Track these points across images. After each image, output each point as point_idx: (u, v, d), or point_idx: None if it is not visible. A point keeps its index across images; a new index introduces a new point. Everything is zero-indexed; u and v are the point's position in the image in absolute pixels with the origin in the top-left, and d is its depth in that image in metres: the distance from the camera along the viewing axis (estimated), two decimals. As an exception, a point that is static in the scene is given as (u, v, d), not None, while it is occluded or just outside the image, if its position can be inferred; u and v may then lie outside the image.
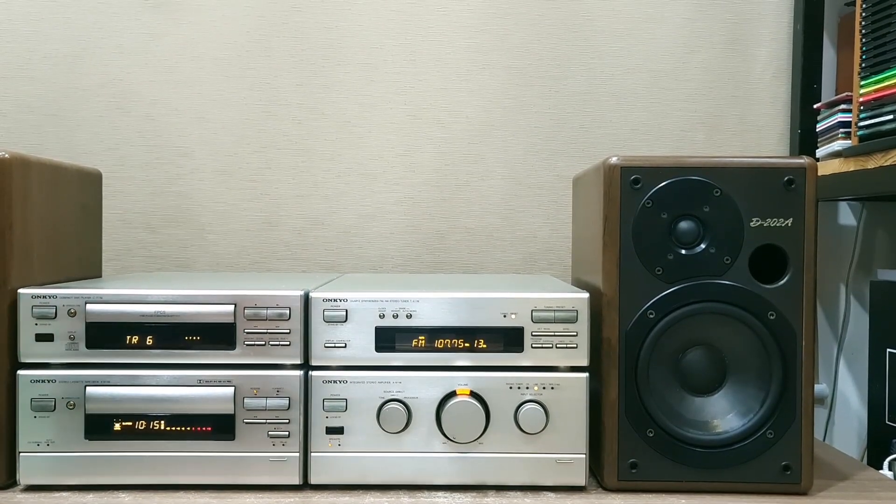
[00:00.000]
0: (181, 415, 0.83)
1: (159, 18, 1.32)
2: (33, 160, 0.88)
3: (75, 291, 0.84)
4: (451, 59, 1.33)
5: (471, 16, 1.33)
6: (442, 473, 0.85)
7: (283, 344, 0.84)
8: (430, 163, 1.33)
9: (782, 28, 1.35)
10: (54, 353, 0.83)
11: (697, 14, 1.34)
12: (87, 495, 0.82)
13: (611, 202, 0.85)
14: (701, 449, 0.84)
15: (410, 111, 1.33)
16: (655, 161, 0.85)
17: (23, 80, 1.32)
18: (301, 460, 0.84)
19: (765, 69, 1.35)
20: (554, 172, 1.34)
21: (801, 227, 0.84)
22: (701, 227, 0.85)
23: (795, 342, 0.84)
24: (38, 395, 0.83)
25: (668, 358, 0.86)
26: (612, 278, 0.85)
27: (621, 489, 0.85)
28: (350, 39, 1.33)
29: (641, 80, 1.34)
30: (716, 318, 0.85)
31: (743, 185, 0.84)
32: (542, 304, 0.85)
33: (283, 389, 0.84)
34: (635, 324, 0.84)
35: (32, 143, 1.31)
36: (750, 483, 0.84)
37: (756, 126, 1.35)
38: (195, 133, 1.32)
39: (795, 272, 0.84)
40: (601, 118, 1.34)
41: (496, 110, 1.34)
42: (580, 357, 0.85)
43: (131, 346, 0.84)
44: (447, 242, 1.33)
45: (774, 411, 0.84)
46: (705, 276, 0.84)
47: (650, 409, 0.84)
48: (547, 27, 1.33)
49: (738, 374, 0.86)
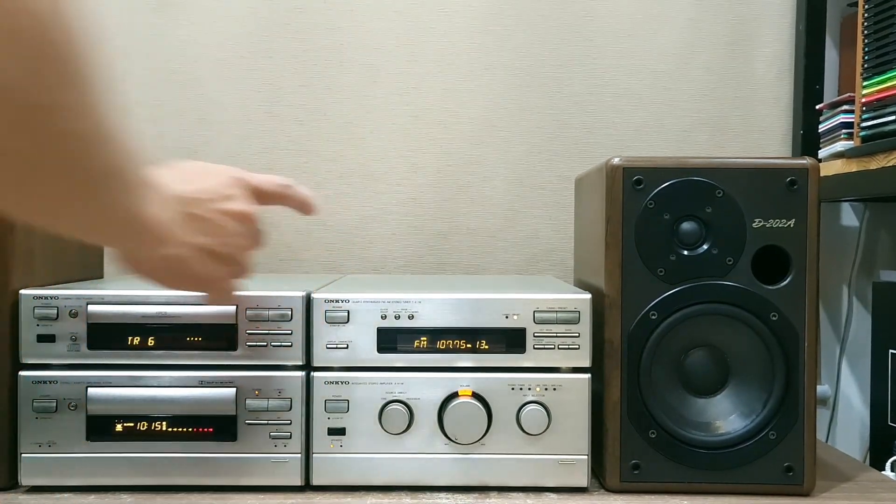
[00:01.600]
0: (183, 416, 0.83)
1: (162, 19, 1.32)
2: (35, 161, 0.88)
3: (77, 292, 0.84)
4: (453, 60, 1.33)
5: (473, 17, 1.33)
6: (444, 474, 0.85)
7: (285, 345, 0.84)
8: (432, 164, 1.33)
9: (785, 29, 1.35)
10: (56, 354, 0.84)
11: (700, 15, 1.34)
12: (88, 496, 0.82)
13: (613, 203, 0.85)
14: (703, 450, 0.84)
15: (412, 112, 1.33)
16: (658, 162, 0.85)
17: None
18: (303, 461, 0.84)
19: (767, 70, 1.35)
20: (556, 173, 1.33)
21: (803, 227, 0.84)
22: (703, 227, 0.85)
23: (798, 343, 0.84)
24: (39, 396, 0.83)
25: (671, 359, 0.85)
26: (614, 279, 0.85)
27: (623, 490, 0.85)
28: (352, 40, 1.33)
29: (643, 81, 1.34)
30: (718, 319, 0.85)
31: (745, 185, 0.84)
32: (544, 305, 0.85)
33: (285, 390, 0.84)
34: (637, 325, 0.84)
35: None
36: (752, 484, 0.84)
37: (758, 127, 1.35)
38: (198, 134, 1.32)
39: (798, 273, 0.84)
40: (603, 119, 1.34)
41: (498, 111, 1.34)
42: (582, 358, 0.85)
43: (133, 347, 0.84)
44: (449, 243, 1.33)
45: (777, 412, 0.84)
46: (708, 277, 0.84)
47: (652, 411, 0.84)
48: (549, 28, 1.33)
49: (740, 375, 0.86)
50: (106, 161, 0.49)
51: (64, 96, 0.43)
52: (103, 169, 0.49)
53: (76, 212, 0.52)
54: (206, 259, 0.66)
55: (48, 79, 0.42)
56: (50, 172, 0.46)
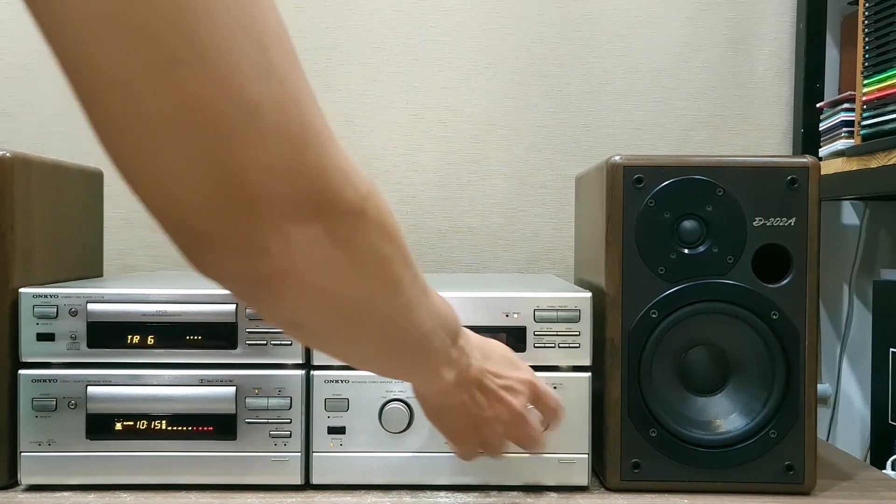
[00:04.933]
0: (183, 414, 0.83)
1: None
2: (35, 159, 0.88)
3: (77, 291, 0.84)
4: (453, 58, 1.33)
5: (473, 15, 1.33)
6: (444, 473, 0.85)
7: (285, 343, 0.84)
8: (433, 162, 1.33)
9: (785, 27, 1.35)
10: (56, 352, 0.83)
11: (700, 13, 1.34)
12: (88, 495, 0.82)
13: (613, 201, 0.85)
14: (704, 449, 0.84)
15: (413, 110, 1.33)
16: (658, 160, 0.85)
17: (26, 79, 1.32)
18: (303, 460, 0.84)
19: (767, 68, 1.35)
20: (556, 172, 1.33)
21: (804, 226, 0.84)
22: (704, 226, 0.85)
23: (798, 342, 0.84)
24: (39, 394, 0.83)
25: (671, 357, 0.85)
26: (614, 278, 0.85)
27: (624, 489, 0.85)
28: (352, 39, 1.33)
29: (644, 80, 1.34)
30: (719, 317, 0.84)
31: (746, 184, 0.84)
32: (544, 304, 0.85)
33: (285, 389, 0.84)
34: (638, 323, 0.84)
35: (36, 142, 1.30)
36: (753, 483, 0.84)
37: (759, 125, 1.35)
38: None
39: (798, 272, 0.84)
40: (603, 117, 1.34)
41: (498, 109, 1.33)
42: (583, 357, 0.85)
43: (133, 346, 0.84)
44: (449, 242, 1.33)
45: (777, 411, 0.84)
46: (708, 276, 0.84)
47: (653, 409, 0.84)
48: (549, 26, 1.33)
49: (740, 373, 0.86)
50: (424, 332, 0.59)
51: (398, 298, 0.55)
52: (422, 339, 0.60)
53: (391, 368, 0.65)
54: (470, 424, 0.73)
55: (389, 288, 0.54)
56: (384, 350, 0.59)
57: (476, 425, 0.73)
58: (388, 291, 0.53)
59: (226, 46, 0.39)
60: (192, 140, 0.40)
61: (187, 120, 0.39)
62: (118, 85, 0.39)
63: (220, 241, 0.43)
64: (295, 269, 0.46)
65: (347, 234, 0.47)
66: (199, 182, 0.41)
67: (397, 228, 0.53)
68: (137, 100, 0.39)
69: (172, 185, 0.41)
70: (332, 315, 0.51)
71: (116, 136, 0.41)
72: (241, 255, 0.44)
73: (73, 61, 0.40)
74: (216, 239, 0.43)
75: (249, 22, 0.40)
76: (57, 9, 0.38)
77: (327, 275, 0.47)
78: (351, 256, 0.48)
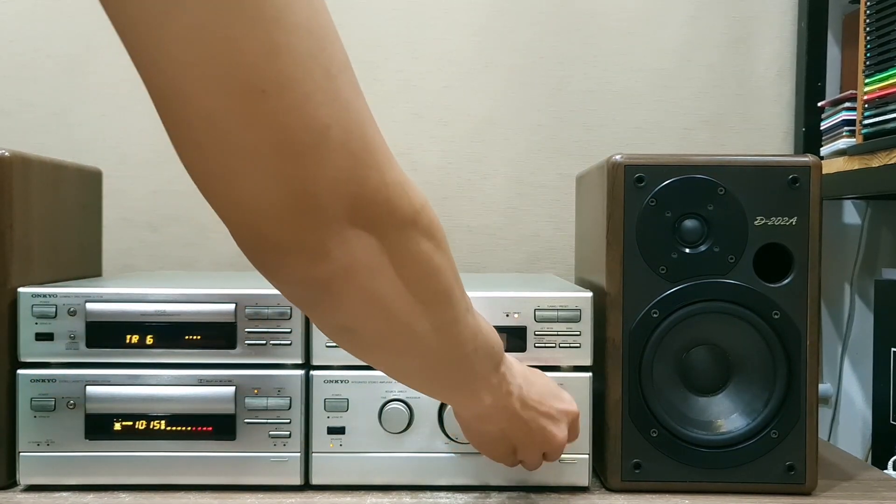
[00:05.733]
0: (182, 415, 0.83)
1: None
2: (33, 158, 0.88)
3: (75, 290, 0.84)
4: (453, 57, 1.33)
5: (473, 14, 1.33)
6: (444, 474, 0.84)
7: (284, 343, 0.84)
8: (433, 161, 1.33)
9: (786, 26, 1.34)
10: (54, 352, 0.83)
11: (701, 12, 1.34)
12: (87, 495, 0.82)
13: (614, 201, 0.85)
14: (705, 449, 0.84)
15: (412, 109, 1.33)
16: (659, 159, 0.85)
17: (26, 79, 1.32)
18: (302, 460, 0.84)
19: (769, 67, 1.34)
20: (557, 171, 1.33)
21: (805, 225, 0.84)
22: (705, 225, 0.84)
23: (800, 341, 0.84)
24: (37, 394, 0.83)
25: (672, 357, 0.85)
26: (615, 277, 0.84)
27: (625, 490, 0.85)
28: (352, 37, 1.32)
29: (645, 79, 1.34)
30: (720, 317, 0.84)
31: (747, 183, 0.84)
32: (545, 304, 0.84)
33: (285, 389, 0.83)
34: (639, 323, 0.84)
35: (35, 141, 1.30)
36: (754, 483, 0.84)
37: (760, 124, 1.35)
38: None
39: (800, 271, 0.84)
40: (604, 116, 1.34)
41: (499, 108, 1.33)
42: (583, 356, 0.85)
43: (132, 346, 0.83)
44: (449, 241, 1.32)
45: (778, 411, 0.84)
46: (709, 276, 0.84)
47: (654, 409, 0.84)
48: (550, 25, 1.33)
49: (742, 373, 0.85)
50: (467, 351, 0.62)
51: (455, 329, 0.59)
52: (463, 358, 0.62)
53: (432, 385, 0.67)
54: (508, 447, 0.76)
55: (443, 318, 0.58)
56: (428, 364, 0.61)
57: (513, 447, 0.76)
58: (438, 302, 0.56)
59: (301, 76, 0.43)
60: (271, 161, 0.44)
61: (268, 144, 0.43)
62: (208, 116, 0.42)
63: (287, 247, 0.47)
64: (354, 273, 0.49)
65: (400, 242, 0.51)
66: (275, 197, 0.45)
67: (447, 243, 0.57)
68: (225, 129, 0.43)
69: (251, 201, 0.45)
70: (384, 323, 0.54)
71: (202, 161, 0.45)
72: (306, 258, 0.48)
73: (166, 97, 0.43)
74: (284, 245, 0.47)
75: (320, 52, 0.45)
76: (155, 50, 0.41)
77: (382, 279, 0.51)
78: (403, 263, 0.52)
